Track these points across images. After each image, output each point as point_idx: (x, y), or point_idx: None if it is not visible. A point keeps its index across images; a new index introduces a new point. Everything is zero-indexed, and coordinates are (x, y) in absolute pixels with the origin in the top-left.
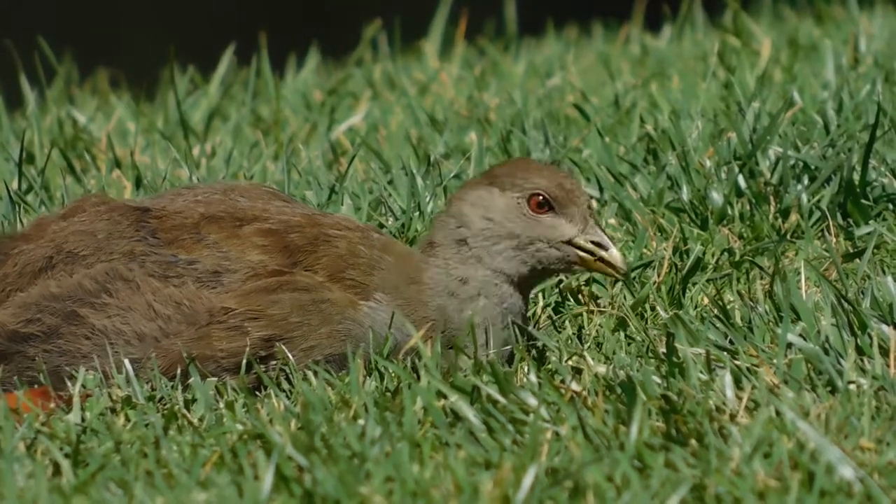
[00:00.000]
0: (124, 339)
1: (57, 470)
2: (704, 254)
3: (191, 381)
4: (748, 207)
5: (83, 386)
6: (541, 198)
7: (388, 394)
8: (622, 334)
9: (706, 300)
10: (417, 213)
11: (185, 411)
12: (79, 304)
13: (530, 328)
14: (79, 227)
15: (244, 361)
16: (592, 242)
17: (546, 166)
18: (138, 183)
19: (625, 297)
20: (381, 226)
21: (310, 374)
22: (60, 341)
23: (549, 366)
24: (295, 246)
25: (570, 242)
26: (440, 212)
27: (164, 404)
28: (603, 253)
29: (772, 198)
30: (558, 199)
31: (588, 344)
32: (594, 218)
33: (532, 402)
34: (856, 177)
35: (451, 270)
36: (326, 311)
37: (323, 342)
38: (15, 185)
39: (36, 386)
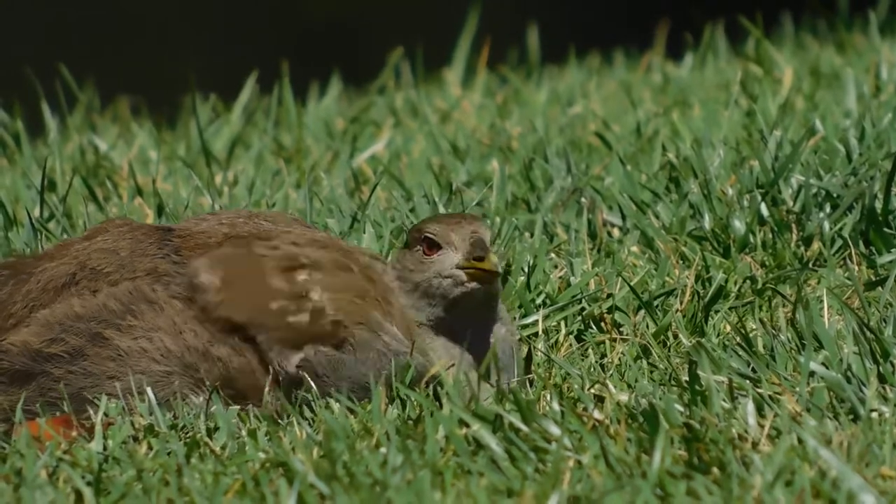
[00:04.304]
0: (149, 358)
1: (79, 498)
2: (727, 282)
3: (213, 409)
4: (770, 235)
5: (105, 414)
6: (430, 241)
7: (410, 422)
8: (644, 362)
9: (728, 328)
10: None
11: (207, 439)
12: (103, 325)
13: (553, 356)
14: (102, 245)
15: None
16: (474, 258)
17: (449, 214)
18: (160, 211)
19: (647, 325)
20: None
21: (332, 401)
22: (86, 363)
23: (572, 394)
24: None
25: (456, 266)
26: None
27: (187, 432)
28: (478, 263)
29: (794, 226)
30: (440, 234)
31: (610, 372)
32: (478, 239)
33: (554, 430)
34: (878, 205)
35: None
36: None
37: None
38: (37, 212)
39: (58, 413)
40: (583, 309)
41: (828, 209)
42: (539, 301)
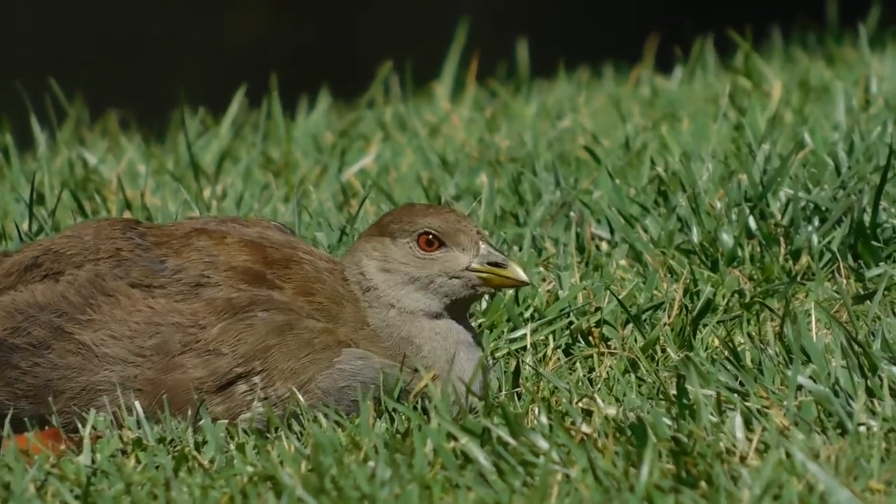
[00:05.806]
0: (114, 352)
1: None
2: (715, 295)
3: (201, 422)
4: (758, 249)
5: (94, 427)
6: (429, 236)
7: (399, 435)
8: (633, 376)
9: (717, 342)
10: None
11: (195, 453)
12: (64, 318)
13: (541, 370)
14: (68, 233)
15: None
16: (489, 263)
17: (431, 206)
18: None
19: (635, 339)
20: None
21: (320, 415)
22: (51, 355)
23: (560, 408)
24: (272, 259)
25: (467, 269)
26: (344, 255)
27: (175, 446)
28: (500, 270)
29: (782, 239)
30: (445, 232)
31: (598, 385)
32: (486, 241)
33: (542, 444)
34: (866, 218)
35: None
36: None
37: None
38: (26, 226)
39: (47, 427)
40: (571, 323)
41: (816, 223)
42: (527, 315)
